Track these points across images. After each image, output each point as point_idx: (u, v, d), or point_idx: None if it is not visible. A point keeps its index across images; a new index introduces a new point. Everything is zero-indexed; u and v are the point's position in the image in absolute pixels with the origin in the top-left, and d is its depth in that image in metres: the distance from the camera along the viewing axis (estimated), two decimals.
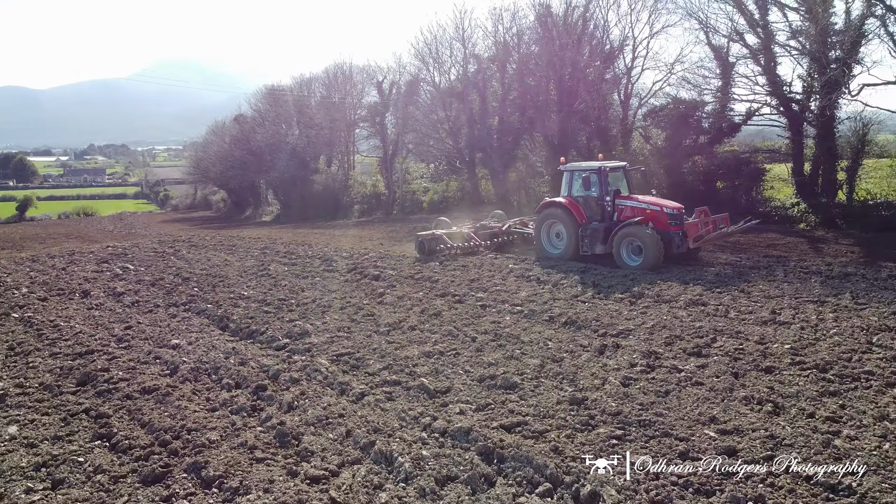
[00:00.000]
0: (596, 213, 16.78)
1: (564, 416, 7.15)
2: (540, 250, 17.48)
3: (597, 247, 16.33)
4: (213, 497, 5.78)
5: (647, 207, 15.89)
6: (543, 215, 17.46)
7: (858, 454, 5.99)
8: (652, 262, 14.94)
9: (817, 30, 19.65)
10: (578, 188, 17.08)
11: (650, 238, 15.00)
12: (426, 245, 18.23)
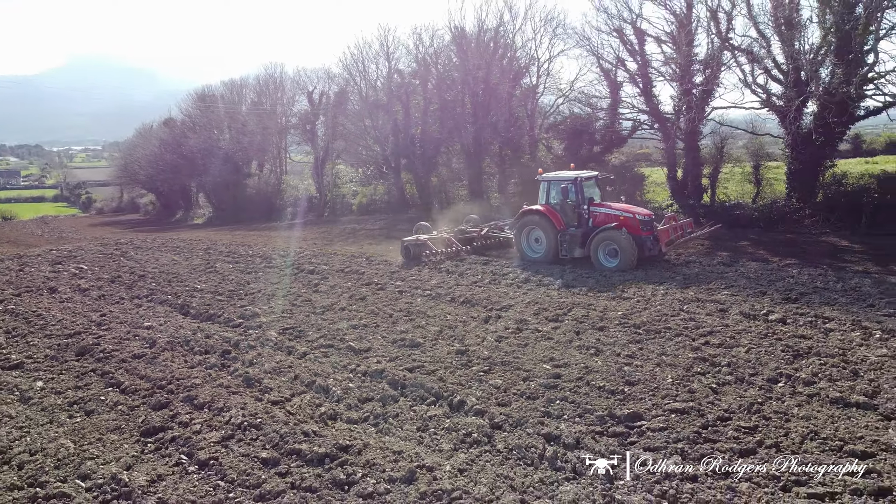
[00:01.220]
0: (573, 219, 17.84)
1: (451, 361, 10.13)
2: (520, 254, 18.50)
3: (575, 251, 17.47)
4: (205, 413, 8.46)
5: (620, 214, 17.10)
6: (523, 222, 18.46)
7: (638, 376, 9.19)
8: (627, 263, 16.26)
9: (682, 60, 23.47)
10: (555, 196, 18.14)
11: (626, 242, 16.31)
12: (411, 250, 18.82)
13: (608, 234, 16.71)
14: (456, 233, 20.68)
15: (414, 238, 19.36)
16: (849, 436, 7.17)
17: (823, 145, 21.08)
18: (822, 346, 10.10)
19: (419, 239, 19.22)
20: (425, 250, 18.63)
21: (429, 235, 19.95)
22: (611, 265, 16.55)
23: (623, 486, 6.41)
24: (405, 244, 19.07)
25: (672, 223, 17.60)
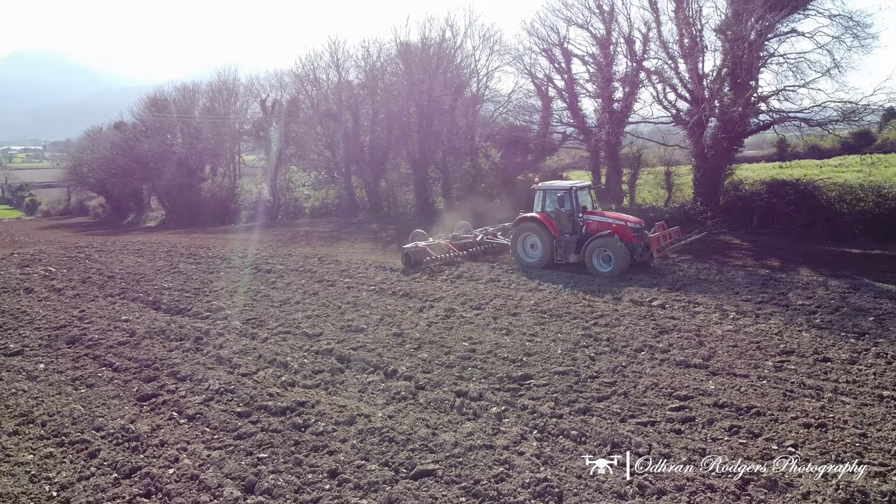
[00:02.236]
0: (567, 226, 18.67)
1: (388, 342, 12.37)
2: (517, 259, 19.32)
3: (570, 256, 18.32)
4: (187, 384, 10.51)
5: (613, 222, 18.05)
6: (519, 228, 19.25)
7: (536, 349, 11.59)
8: (620, 269, 17.13)
9: (603, 78, 26.20)
10: (550, 204, 18.93)
11: (619, 249, 17.21)
12: (412, 257, 19.39)
13: (602, 241, 17.57)
14: (450, 239, 21.31)
15: (413, 245, 20.03)
16: (679, 386, 9.69)
17: (722, 156, 24.05)
18: (684, 325, 12.72)
19: (418, 246, 19.95)
20: (425, 256, 19.45)
21: (426, 242, 20.63)
22: (605, 270, 17.37)
23: (507, 422, 8.76)
24: (406, 251, 19.64)
25: (661, 231, 18.50)
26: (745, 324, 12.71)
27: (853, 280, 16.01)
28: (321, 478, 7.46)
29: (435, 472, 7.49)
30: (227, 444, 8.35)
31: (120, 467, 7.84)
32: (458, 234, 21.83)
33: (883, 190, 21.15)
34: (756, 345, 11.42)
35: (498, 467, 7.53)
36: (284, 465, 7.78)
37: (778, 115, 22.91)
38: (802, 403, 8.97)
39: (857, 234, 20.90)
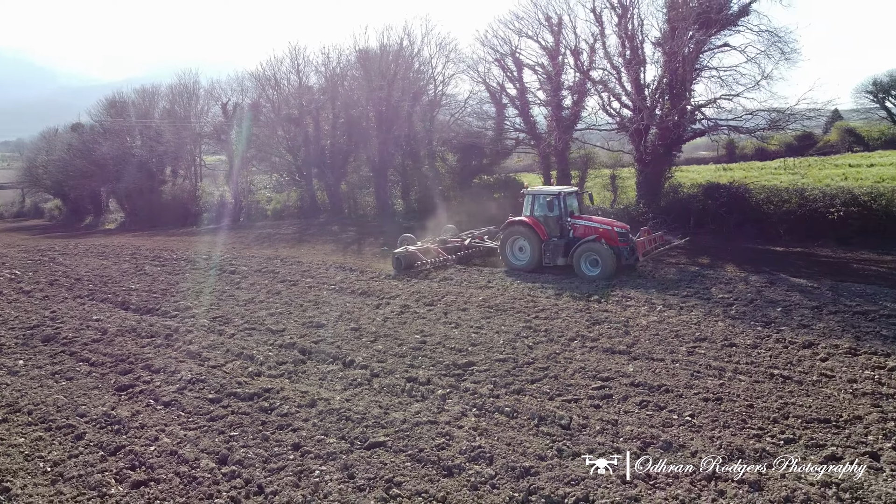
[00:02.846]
0: (555, 230, 19.23)
1: (347, 336, 13.49)
2: (505, 262, 19.83)
3: (558, 259, 18.85)
4: (162, 375, 11.48)
5: (600, 227, 18.61)
6: (508, 232, 19.72)
7: (481, 340, 12.83)
8: (608, 272, 17.73)
9: (553, 87, 27.68)
10: (538, 209, 19.55)
11: (607, 253, 17.84)
12: (403, 261, 19.76)
13: (590, 245, 18.17)
14: (438, 243, 21.72)
15: (403, 249, 20.32)
16: (602, 369, 11.04)
17: (662, 160, 25.71)
18: (615, 317, 14.13)
19: (408, 250, 20.28)
20: (416, 261, 19.91)
21: (415, 246, 20.94)
22: (592, 273, 17.95)
23: (450, 402, 9.97)
24: (396, 256, 19.95)
25: (647, 236, 19.19)
26: (669, 315, 14.17)
27: (771, 275, 17.67)
28: (286, 450, 8.57)
29: (385, 443, 8.67)
30: (201, 426, 9.40)
31: (105, 446, 8.82)
32: (445, 238, 22.27)
33: (805, 192, 23.01)
34: (675, 333, 12.86)
35: (440, 438, 8.74)
36: (253, 440, 8.87)
37: (711, 122, 24.65)
38: (705, 382, 10.39)
39: (781, 233, 22.72)
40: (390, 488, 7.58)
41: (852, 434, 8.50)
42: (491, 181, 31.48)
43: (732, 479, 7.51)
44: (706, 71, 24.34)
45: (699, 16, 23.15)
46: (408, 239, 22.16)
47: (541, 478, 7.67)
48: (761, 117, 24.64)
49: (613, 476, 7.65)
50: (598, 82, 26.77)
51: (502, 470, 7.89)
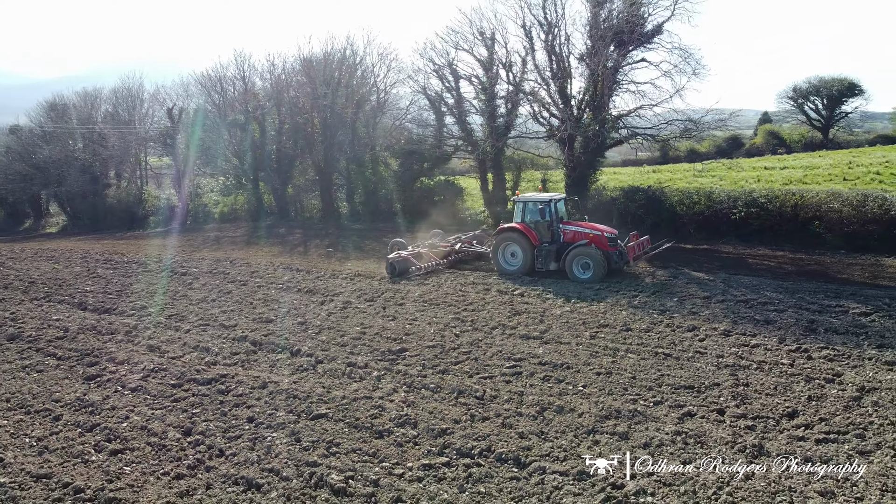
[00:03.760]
0: (546, 236, 19.81)
1: (294, 329, 14.99)
2: (497, 267, 20.25)
3: (550, 264, 19.34)
4: (126, 366, 12.78)
5: (590, 232, 19.25)
6: (500, 238, 20.20)
7: (414, 330, 14.50)
8: (599, 276, 18.45)
9: (487, 97, 29.58)
10: (529, 215, 20.12)
11: (598, 257, 18.57)
12: (396, 267, 20.22)
13: (581, 250, 18.87)
14: (428, 248, 22.20)
15: (396, 254, 20.86)
16: (517, 352, 12.87)
17: (587, 165, 27.88)
18: (534, 308, 16.02)
19: (401, 255, 20.83)
20: (410, 266, 20.44)
21: (407, 252, 21.41)
22: (584, 277, 18.67)
23: (384, 381, 11.63)
24: (390, 261, 20.46)
25: (635, 241, 19.82)
26: (581, 307, 16.13)
27: (675, 270, 19.89)
28: (242, 423, 10.09)
29: (327, 414, 10.28)
30: (166, 406, 10.82)
31: (82, 425, 10.17)
32: (434, 243, 22.79)
33: (713, 195, 25.44)
34: (583, 321, 14.81)
35: (374, 410, 10.40)
36: (213, 416, 10.35)
37: (630, 131, 26.94)
38: (600, 360, 12.32)
39: (691, 231, 25.11)
40: (330, 447, 9.20)
41: (709, 396, 10.52)
42: (432, 185, 33.19)
43: (607, 432, 9.40)
44: (625, 84, 26.61)
45: (616, 34, 25.36)
46: (399, 244, 22.45)
47: (455, 436, 9.41)
48: (675, 126, 27.04)
49: (514, 434, 9.44)
50: (528, 93, 28.77)
51: (424, 431, 9.60)
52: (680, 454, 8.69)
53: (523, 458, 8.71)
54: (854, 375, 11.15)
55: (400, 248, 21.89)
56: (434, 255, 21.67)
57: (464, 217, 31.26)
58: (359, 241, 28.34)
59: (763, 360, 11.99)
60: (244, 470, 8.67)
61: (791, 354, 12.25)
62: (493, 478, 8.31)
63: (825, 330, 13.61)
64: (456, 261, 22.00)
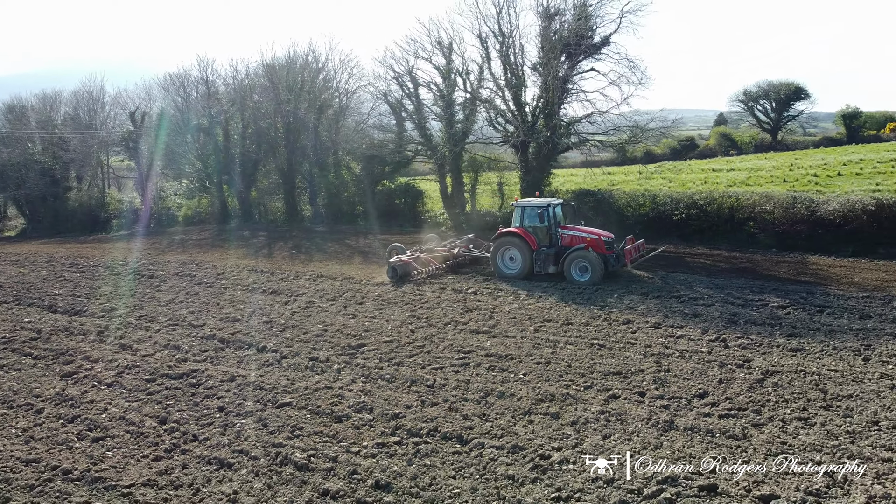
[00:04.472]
0: (545, 240, 20.28)
1: (259, 328, 15.96)
2: (496, 271, 20.69)
3: (549, 267, 19.82)
4: (100, 364, 13.62)
5: (587, 236, 19.84)
6: (499, 242, 20.66)
7: (373, 327, 15.59)
8: (597, 278, 18.99)
9: (445, 103, 30.78)
10: (528, 220, 20.59)
11: (596, 260, 19.14)
12: (398, 271, 20.56)
13: (580, 253, 19.44)
14: (426, 252, 22.49)
15: (398, 259, 21.18)
16: (467, 346, 14.06)
17: (541, 169, 29.28)
18: (485, 305, 17.25)
19: (402, 259, 21.13)
20: (412, 270, 20.81)
21: (407, 256, 21.63)
22: (582, 279, 19.20)
23: (344, 374, 12.71)
24: (392, 265, 20.77)
25: (632, 244, 20.34)
26: (528, 303, 17.42)
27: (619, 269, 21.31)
28: (213, 412, 11.09)
29: (291, 403, 11.34)
30: (141, 398, 11.75)
31: (64, 416, 11.05)
32: (431, 247, 23.08)
33: (657, 198, 27.02)
34: (529, 317, 16.09)
35: (334, 398, 11.49)
36: (186, 406, 11.33)
37: (580, 137, 28.43)
38: (542, 351, 13.60)
39: (637, 233, 26.61)
40: (294, 431, 10.27)
41: (633, 381, 11.85)
42: (392, 188, 34.25)
43: (541, 413, 10.65)
44: (575, 93, 28.06)
45: (566, 46, 26.79)
46: (398, 248, 22.61)
47: (406, 419, 10.56)
48: (623, 132, 28.61)
49: (458, 416, 10.63)
50: (484, 101, 30.04)
51: (379, 416, 10.74)
52: (602, 430, 9.98)
53: (465, 436, 9.90)
54: (762, 361, 12.61)
55: (399, 253, 22.10)
56: (433, 260, 22.02)
57: (424, 219, 32.38)
58: (322, 243, 29.25)
59: (685, 349, 13.41)
60: (216, 452, 9.69)
61: (710, 344, 13.70)
62: (438, 453, 9.48)
63: (745, 322, 15.12)
64: (454, 264, 22.35)
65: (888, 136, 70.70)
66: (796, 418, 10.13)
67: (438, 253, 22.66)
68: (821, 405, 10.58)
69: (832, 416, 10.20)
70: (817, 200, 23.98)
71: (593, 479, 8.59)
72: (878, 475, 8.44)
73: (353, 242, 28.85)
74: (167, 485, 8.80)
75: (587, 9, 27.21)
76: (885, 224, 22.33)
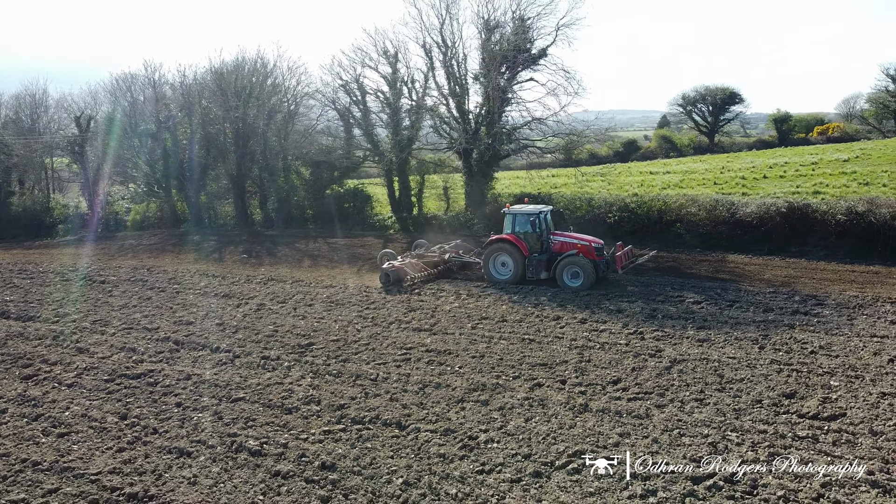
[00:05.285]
0: (536, 246, 20.71)
1: (212, 330, 16.79)
2: (487, 277, 21.06)
3: (541, 273, 20.27)
4: (59, 366, 14.28)
5: (578, 242, 20.34)
6: (491, 249, 20.99)
7: (321, 327, 16.59)
8: (589, 283, 19.47)
9: (392, 111, 31.87)
10: (520, 226, 20.96)
11: (588, 266, 19.63)
12: (391, 276, 20.81)
13: (571, 259, 19.90)
14: (416, 258, 22.69)
15: (390, 265, 21.40)
16: (409, 342, 15.21)
17: (484, 174, 30.65)
18: (427, 305, 18.43)
19: (393, 265, 21.36)
20: (405, 276, 20.99)
21: (399, 262, 21.84)
22: (574, 285, 19.67)
23: (294, 370, 13.71)
24: (384, 271, 21.07)
25: (621, 250, 20.75)
26: (468, 302, 18.68)
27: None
28: (171, 407, 11.98)
29: (244, 398, 12.31)
30: (102, 397, 12.54)
31: (28, 415, 11.78)
32: (421, 253, 23.33)
33: (592, 201, 28.64)
34: (467, 315, 17.34)
35: (284, 392, 12.50)
36: (145, 403, 12.18)
37: (520, 144, 29.92)
38: (477, 346, 14.85)
39: None
40: (248, 422, 11.27)
41: (556, 371, 13.20)
42: (341, 192, 35.15)
43: (472, 400, 11.89)
44: (514, 102, 29.52)
45: (505, 57, 28.21)
46: (389, 255, 22.84)
47: (351, 409, 11.67)
48: (561, 138, 30.23)
49: (398, 405, 11.77)
50: (429, 108, 31.27)
51: (326, 407, 11.81)
52: (525, 414, 11.28)
53: (404, 423, 11.07)
54: (672, 350, 14.13)
55: (390, 259, 22.29)
56: (424, 266, 22.32)
57: (373, 223, 33.40)
58: (272, 247, 29.93)
59: (606, 342, 14.85)
60: (176, 442, 10.62)
61: (629, 336, 15.17)
62: (378, 437, 10.63)
63: (662, 316, 16.68)
64: (445, 270, 22.62)
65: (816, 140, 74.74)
66: (693, 399, 11.62)
67: (429, 258, 22.93)
68: (716, 388, 12.10)
69: (724, 396, 11.72)
70: (737, 203, 25.92)
71: (513, 455, 9.86)
72: (753, 444, 9.93)
73: (302, 246, 29.64)
74: (132, 472, 9.71)
75: (525, 22, 28.71)
76: (796, 225, 24.35)
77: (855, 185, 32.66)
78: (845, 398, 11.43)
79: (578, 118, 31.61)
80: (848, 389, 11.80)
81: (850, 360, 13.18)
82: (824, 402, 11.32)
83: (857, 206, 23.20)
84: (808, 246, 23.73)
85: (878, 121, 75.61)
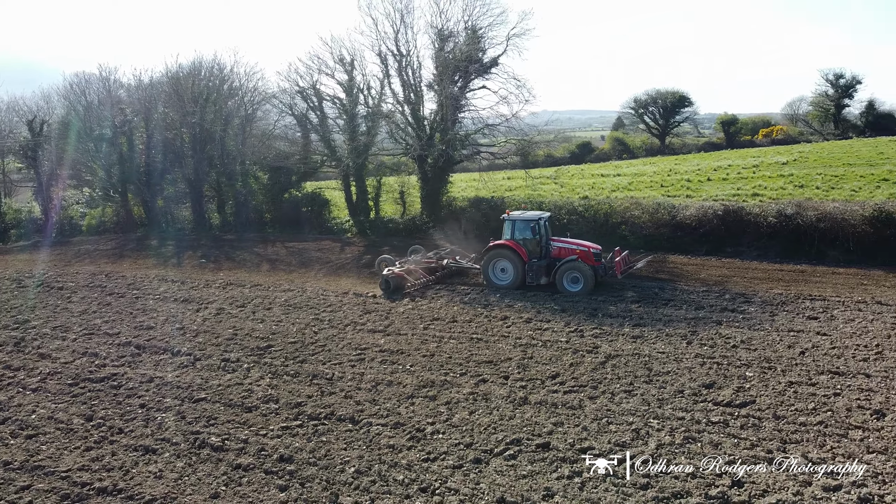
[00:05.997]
0: (536, 252, 21.02)
1: (173, 334, 17.35)
2: (487, 282, 21.30)
3: (541, 279, 20.52)
4: (23, 372, 14.72)
5: (578, 248, 20.69)
6: (490, 255, 21.22)
7: (279, 330, 17.31)
8: (589, 289, 19.84)
9: (348, 117, 32.60)
10: (519, 233, 21.18)
11: (588, 271, 19.96)
12: (391, 283, 20.95)
13: (571, 265, 20.21)
14: (413, 264, 22.79)
15: (389, 271, 21.45)
16: (364, 343, 16.05)
17: (439, 179, 31.61)
18: (382, 308, 19.29)
19: (394, 272, 21.43)
20: (405, 282, 21.23)
21: (398, 268, 21.95)
22: (574, 290, 19.96)
23: (253, 372, 14.44)
24: (385, 277, 21.11)
25: (619, 256, 20.99)
26: (421, 304, 19.59)
27: None
28: (135, 408, 12.62)
29: (206, 398, 13.01)
30: (67, 400, 13.09)
31: None
32: (417, 259, 23.51)
33: (543, 204, 29.84)
34: (420, 316, 18.26)
35: (244, 392, 13.24)
36: (110, 405, 12.79)
37: (473, 149, 30.97)
38: (428, 346, 15.78)
39: None
40: (210, 420, 12.00)
41: (500, 368, 14.21)
42: (299, 196, 35.70)
43: (421, 396, 12.81)
44: (468, 110, 30.55)
45: (458, 66, 29.21)
46: (387, 260, 22.95)
47: (307, 406, 12.48)
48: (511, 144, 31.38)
49: (352, 402, 12.62)
50: (385, 115, 32.07)
51: (284, 405, 12.60)
52: (469, 407, 12.25)
53: (357, 418, 11.94)
54: (608, 347, 15.28)
55: (388, 265, 22.40)
56: (422, 272, 22.50)
57: (331, 226, 34.03)
58: (230, 251, 30.32)
59: (548, 340, 15.94)
60: (141, 441, 11.30)
61: (569, 334, 16.29)
62: (333, 431, 11.48)
63: (602, 315, 17.85)
64: (443, 275, 22.81)
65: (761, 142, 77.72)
66: (623, 391, 12.76)
67: (426, 264, 23.15)
68: (644, 380, 13.26)
69: (651, 388, 12.88)
70: (678, 206, 27.38)
71: (456, 444, 10.82)
72: (671, 430, 11.09)
73: (261, 250, 30.14)
74: (100, 468, 10.37)
75: (477, 32, 29.75)
76: (731, 226, 25.89)
77: (791, 188, 34.50)
78: (757, 387, 12.71)
79: (531, 123, 32.89)
80: (760, 379, 13.08)
81: (767, 353, 14.50)
82: (738, 391, 12.57)
83: (787, 209, 24.81)
84: (742, 246, 25.29)
85: (821, 123, 78.96)
